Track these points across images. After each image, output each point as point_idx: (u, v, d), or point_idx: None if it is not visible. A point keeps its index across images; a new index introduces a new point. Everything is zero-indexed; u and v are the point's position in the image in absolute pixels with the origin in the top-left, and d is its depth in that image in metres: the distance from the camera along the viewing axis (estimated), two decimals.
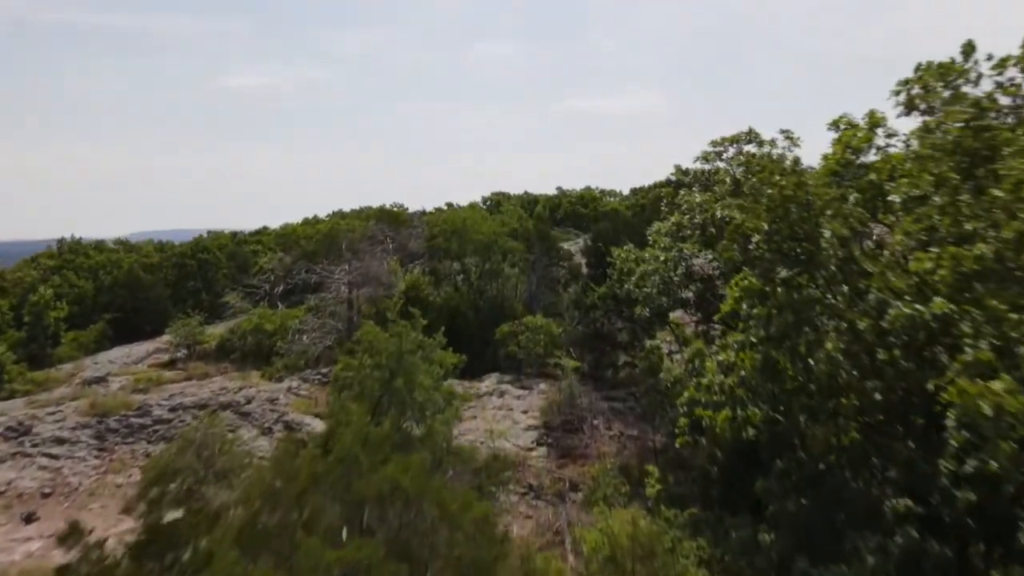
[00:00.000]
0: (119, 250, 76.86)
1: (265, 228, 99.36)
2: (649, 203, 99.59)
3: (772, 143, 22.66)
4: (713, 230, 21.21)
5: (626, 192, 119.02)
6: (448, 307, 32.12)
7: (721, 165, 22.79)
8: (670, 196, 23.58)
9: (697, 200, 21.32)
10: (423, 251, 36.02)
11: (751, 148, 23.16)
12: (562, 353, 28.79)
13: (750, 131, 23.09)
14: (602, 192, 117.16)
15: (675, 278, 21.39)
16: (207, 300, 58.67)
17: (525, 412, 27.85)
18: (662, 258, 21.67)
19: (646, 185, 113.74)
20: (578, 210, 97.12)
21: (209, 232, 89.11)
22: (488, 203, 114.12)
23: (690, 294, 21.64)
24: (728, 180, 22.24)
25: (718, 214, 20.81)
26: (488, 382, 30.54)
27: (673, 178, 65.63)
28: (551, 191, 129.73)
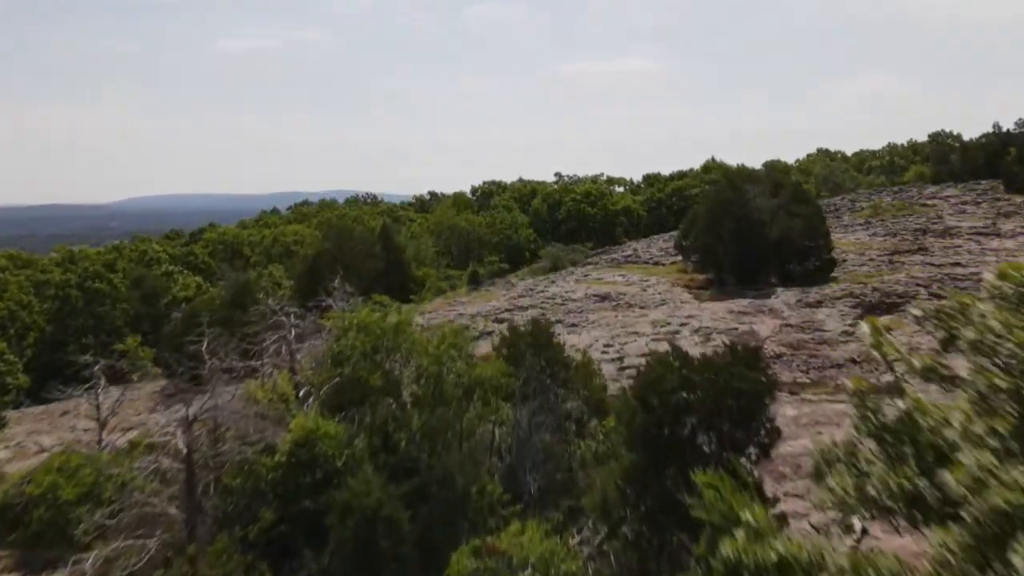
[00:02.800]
0: (8, 266, 61.08)
1: (211, 225, 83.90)
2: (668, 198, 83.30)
3: None
4: None
5: (638, 178, 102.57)
6: (360, 507, 16.90)
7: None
8: (834, 461, 7.78)
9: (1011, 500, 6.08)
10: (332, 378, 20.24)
11: None
12: None
13: None
14: (610, 180, 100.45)
15: None
16: (96, 346, 43.11)
17: None
18: None
19: (663, 174, 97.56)
20: (584, 209, 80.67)
21: (140, 236, 73.71)
22: (478, 195, 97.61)
23: None
24: None
25: None
26: None
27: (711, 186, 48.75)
28: (549, 174, 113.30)
